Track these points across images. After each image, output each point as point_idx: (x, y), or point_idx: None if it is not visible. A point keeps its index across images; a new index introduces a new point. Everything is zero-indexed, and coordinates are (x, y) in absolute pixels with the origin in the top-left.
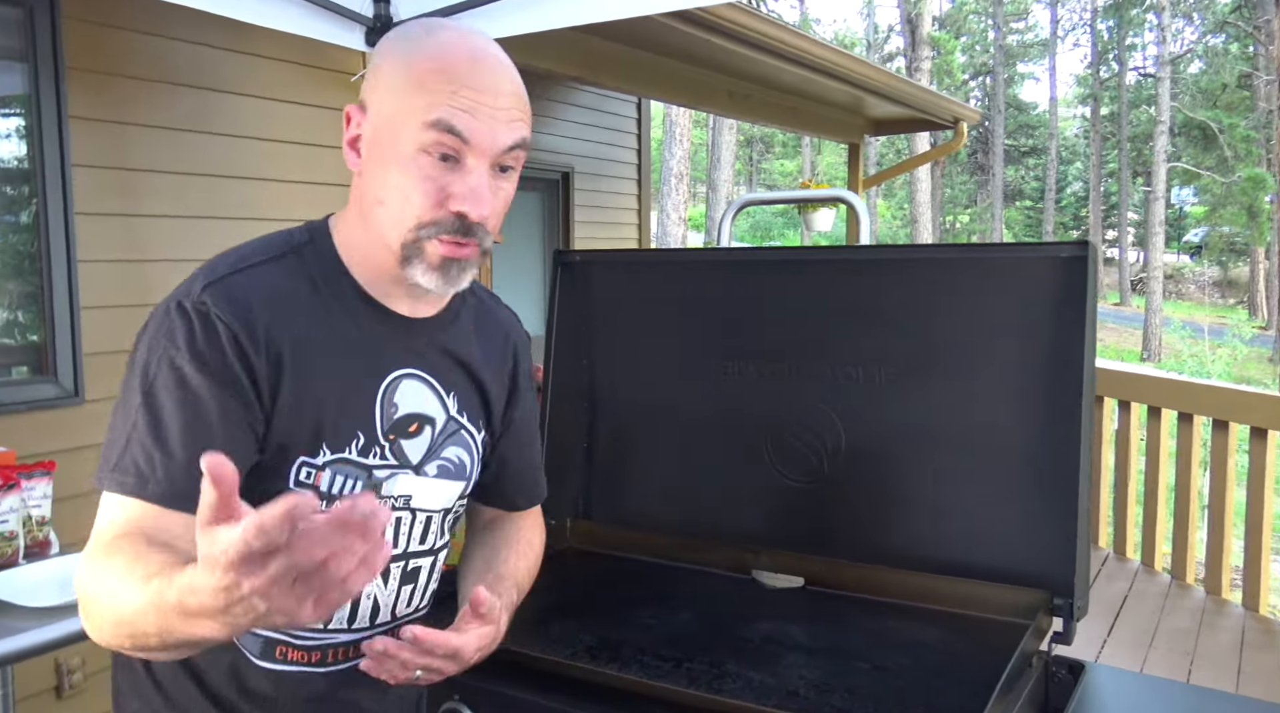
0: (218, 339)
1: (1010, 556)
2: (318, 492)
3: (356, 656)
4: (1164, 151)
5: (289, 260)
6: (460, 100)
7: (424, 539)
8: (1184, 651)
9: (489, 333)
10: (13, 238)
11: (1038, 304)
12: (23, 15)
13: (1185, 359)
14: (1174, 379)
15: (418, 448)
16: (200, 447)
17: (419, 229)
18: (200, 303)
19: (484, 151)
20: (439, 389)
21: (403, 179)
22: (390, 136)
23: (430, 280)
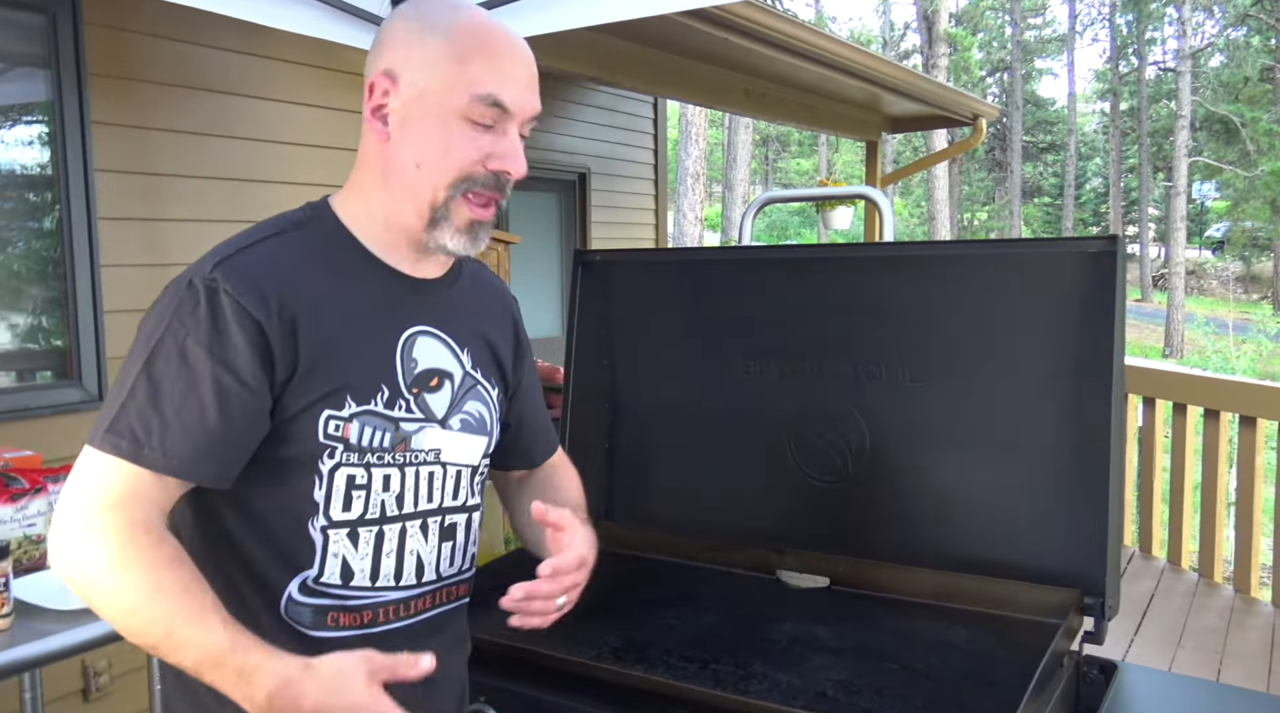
0: (224, 317)
1: (1039, 554)
2: (346, 443)
3: (405, 615)
4: (1185, 146)
5: (293, 234)
6: (504, 74)
7: (456, 494)
8: (1213, 650)
9: (486, 294)
10: (37, 244)
11: (1065, 300)
12: (45, 22)
13: (1209, 355)
14: (1200, 375)
15: (440, 402)
16: (196, 421)
17: (457, 184)
18: (210, 280)
19: (519, 119)
20: (453, 346)
21: (446, 141)
22: (435, 104)
23: (457, 242)
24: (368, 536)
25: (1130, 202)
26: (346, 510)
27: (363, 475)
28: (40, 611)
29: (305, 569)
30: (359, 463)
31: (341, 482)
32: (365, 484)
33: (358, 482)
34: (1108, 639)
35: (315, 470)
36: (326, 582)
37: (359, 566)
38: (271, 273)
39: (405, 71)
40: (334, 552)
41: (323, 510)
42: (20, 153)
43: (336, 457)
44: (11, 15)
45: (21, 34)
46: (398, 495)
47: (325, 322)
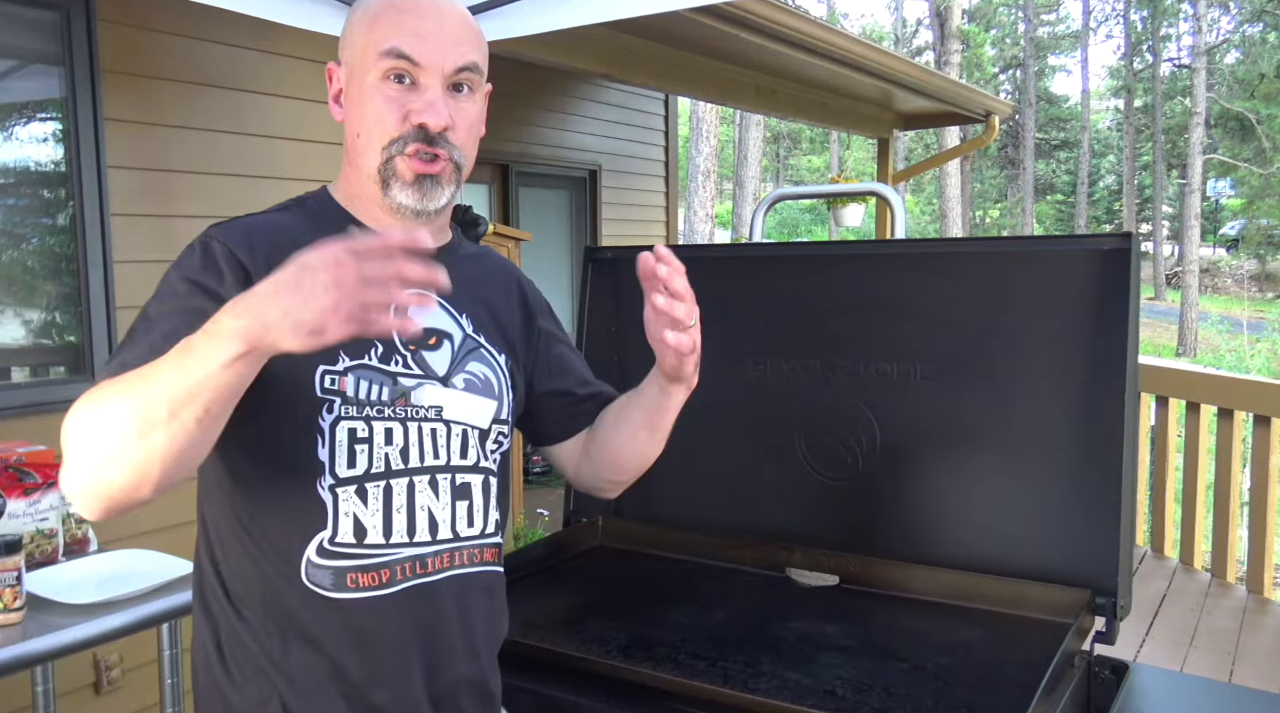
0: (216, 262)
1: (1051, 553)
2: (344, 396)
3: (423, 572)
4: (1200, 143)
5: (291, 210)
6: (407, 29)
7: (464, 454)
8: (1225, 650)
9: (489, 269)
10: (50, 240)
11: (1078, 297)
12: (59, 19)
13: (1223, 354)
14: (1214, 374)
15: (440, 361)
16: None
17: (390, 147)
18: (205, 236)
19: (434, 71)
20: (450, 309)
21: (371, 106)
22: (359, 75)
23: (408, 196)
24: (375, 491)
25: (1144, 199)
26: (351, 466)
27: (364, 429)
28: (52, 604)
29: (319, 531)
30: (359, 416)
31: (343, 436)
32: (367, 438)
33: (359, 435)
34: (1119, 639)
35: (316, 428)
36: (341, 542)
37: (370, 522)
38: (264, 234)
39: (343, 52)
40: (345, 510)
41: (328, 469)
42: (34, 150)
43: (335, 411)
44: (25, 13)
45: (36, 31)
46: (401, 450)
47: None
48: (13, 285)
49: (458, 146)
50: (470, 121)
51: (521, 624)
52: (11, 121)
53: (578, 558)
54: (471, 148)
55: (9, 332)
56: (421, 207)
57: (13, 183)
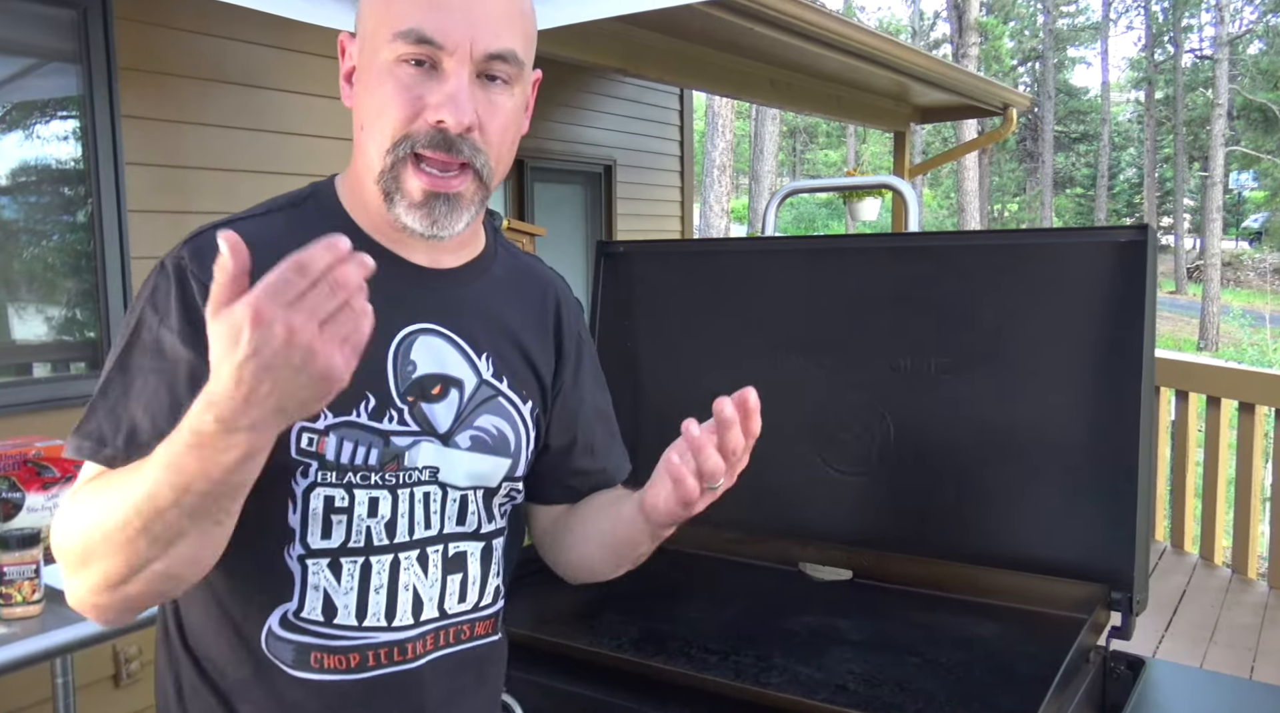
0: (194, 300)
1: (1066, 548)
2: (322, 460)
3: (400, 659)
4: (1222, 135)
5: (286, 213)
6: (435, 4)
7: (463, 519)
8: (1246, 646)
9: (526, 290)
10: (70, 237)
11: (1094, 290)
12: (76, 17)
13: (1245, 348)
14: (1235, 368)
15: (445, 413)
16: (167, 414)
17: (397, 145)
18: (179, 259)
19: (461, 55)
20: (466, 349)
21: (380, 94)
22: (371, 54)
23: (414, 219)
24: (351, 568)
25: (1165, 192)
26: (326, 539)
27: (343, 497)
28: None
29: (284, 602)
30: (338, 483)
31: (319, 505)
32: (346, 508)
33: (337, 504)
34: (1138, 635)
35: (288, 492)
36: (308, 617)
37: (342, 602)
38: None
39: (359, 25)
40: (314, 584)
41: (299, 538)
42: (53, 147)
43: (311, 475)
44: (44, 10)
45: (54, 29)
46: (387, 522)
47: None
48: (34, 282)
49: (486, 151)
50: (505, 121)
51: (533, 619)
52: (31, 119)
53: None
54: (506, 152)
55: (31, 328)
56: (430, 233)
57: (33, 181)
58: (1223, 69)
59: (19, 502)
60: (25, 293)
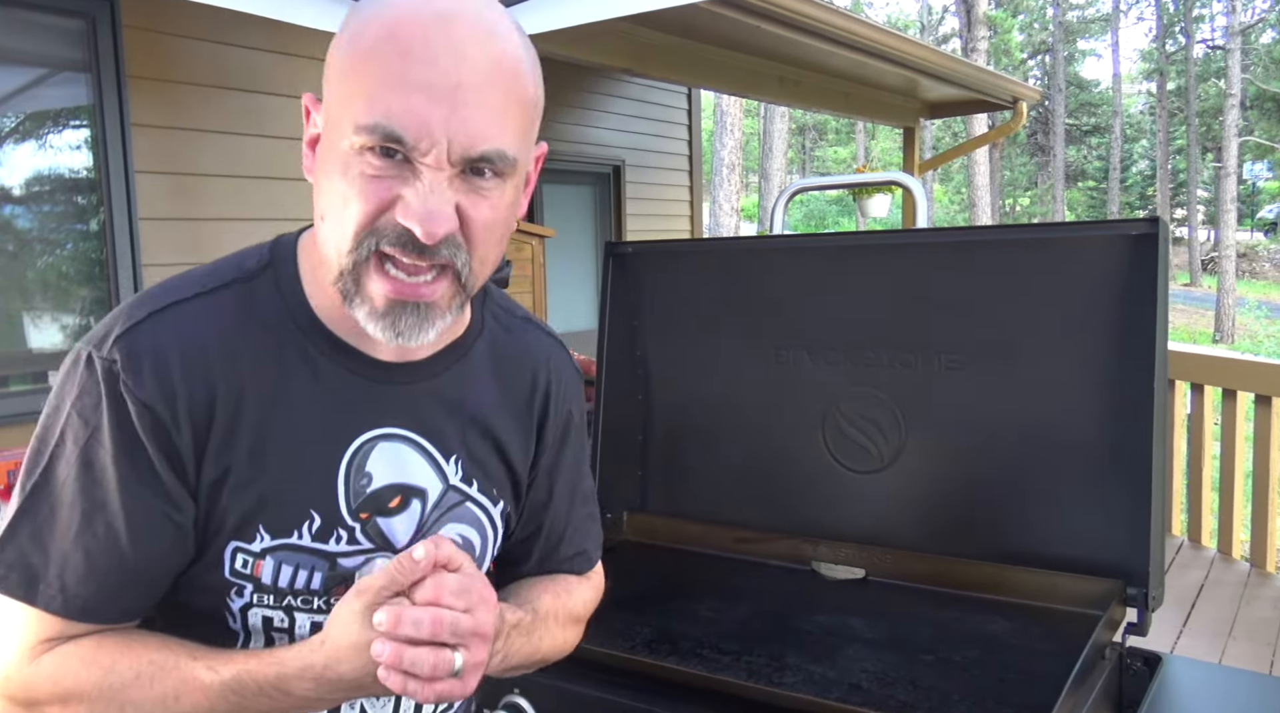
0: (127, 415)
1: (1080, 544)
2: (258, 583)
3: None
4: (1235, 126)
5: (235, 291)
6: (407, 82)
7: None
8: (1265, 641)
9: (510, 372)
10: (83, 246)
11: (1106, 285)
12: (85, 26)
13: (1261, 340)
14: (1251, 360)
15: (403, 526)
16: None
17: (360, 242)
18: (109, 361)
19: (439, 158)
20: (433, 452)
21: (341, 184)
22: (335, 133)
23: (376, 329)
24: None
25: (1178, 184)
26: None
27: (283, 619)
28: None
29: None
30: (276, 605)
31: (258, 622)
32: (287, 628)
33: (277, 625)
34: (1156, 631)
35: (225, 609)
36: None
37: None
38: (185, 350)
39: (324, 88)
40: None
41: (241, 645)
42: (65, 157)
43: (246, 596)
44: (53, 21)
45: (63, 39)
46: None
47: (247, 422)
48: (48, 290)
49: (468, 250)
50: (491, 218)
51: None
52: (43, 129)
53: (604, 553)
54: (493, 250)
55: (46, 336)
56: (395, 343)
57: (46, 190)
58: (1235, 59)
59: None
60: (40, 302)
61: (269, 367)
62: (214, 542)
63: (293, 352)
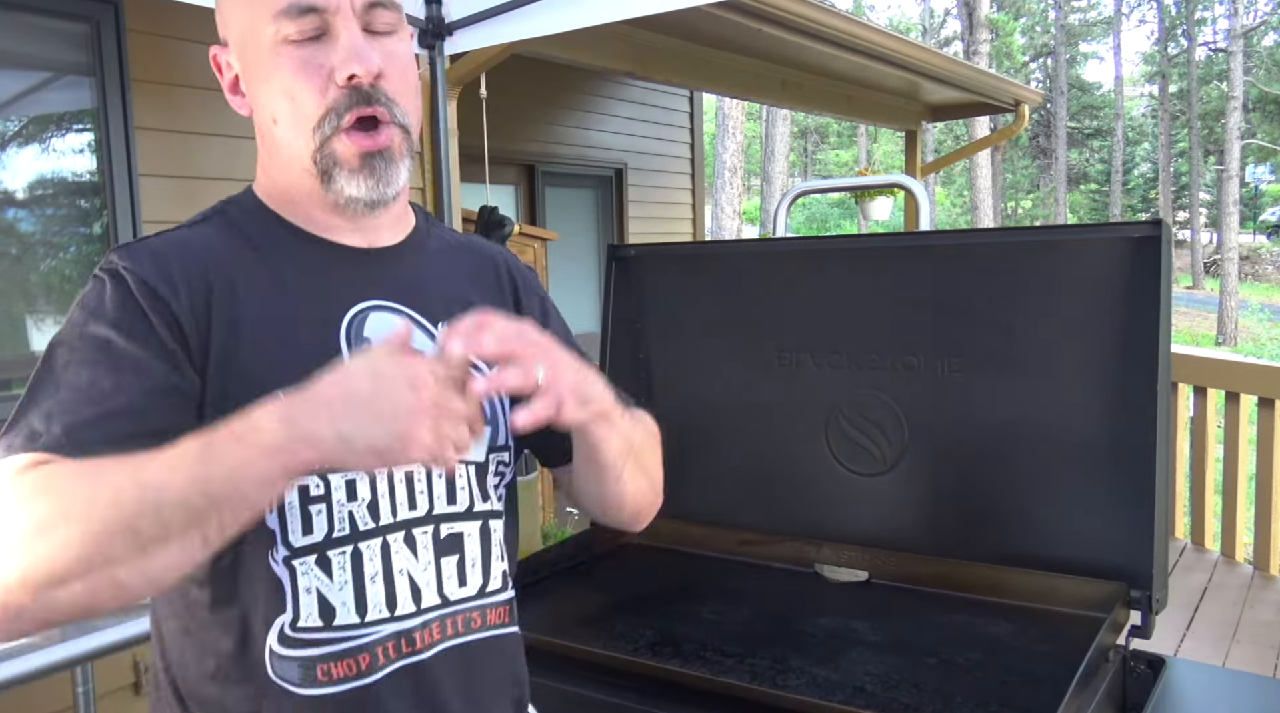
0: (129, 294)
1: (1084, 547)
2: None
3: (409, 651)
4: (1237, 128)
5: (212, 221)
6: None
7: (452, 499)
8: (1269, 644)
9: (471, 260)
10: (86, 249)
11: (1108, 287)
12: (89, 30)
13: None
14: (1254, 363)
15: None
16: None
17: (322, 124)
18: (109, 263)
19: (346, 13)
20: (421, 321)
21: (281, 79)
22: (255, 49)
23: (358, 186)
24: (341, 560)
25: (1181, 186)
26: (308, 534)
27: (318, 484)
28: None
29: (278, 615)
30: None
31: (293, 497)
32: (324, 494)
33: (313, 493)
34: (1160, 635)
35: None
36: (306, 626)
37: (339, 598)
38: (180, 254)
39: (227, 31)
40: (305, 587)
41: (280, 538)
42: (69, 160)
43: None
44: (57, 25)
45: (67, 43)
46: (369, 504)
47: (246, 306)
48: (51, 294)
49: (398, 103)
50: (403, 65)
51: (548, 623)
52: (46, 133)
53: (605, 556)
54: (413, 102)
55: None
56: (377, 194)
57: (50, 193)
58: (1237, 62)
59: None
60: (44, 305)
61: (256, 263)
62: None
63: (275, 251)
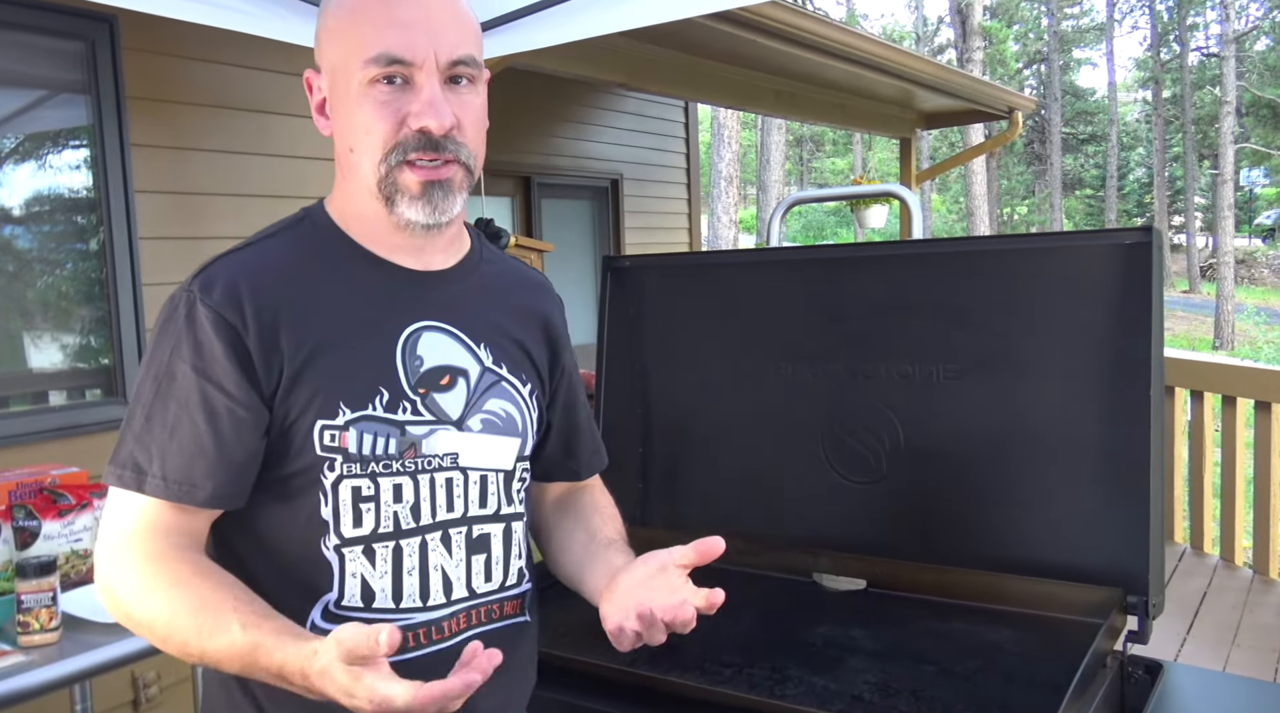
0: (203, 329)
1: (1081, 552)
2: (345, 453)
3: (439, 638)
4: (1231, 132)
5: (282, 236)
6: (393, 22)
7: (484, 503)
8: (1270, 648)
9: (511, 285)
10: (83, 265)
11: (1101, 294)
12: (85, 48)
13: (1261, 346)
14: (1249, 366)
15: (455, 402)
16: (190, 440)
17: (389, 157)
18: (189, 291)
19: (428, 67)
20: (467, 341)
21: (362, 116)
22: (344, 83)
23: (417, 211)
24: (384, 552)
25: (1176, 191)
26: (358, 526)
27: (369, 487)
28: (88, 624)
29: (325, 593)
30: (363, 473)
31: (347, 495)
32: (373, 495)
33: (364, 494)
34: (1159, 640)
35: (319, 486)
36: (348, 605)
37: (379, 585)
38: (251, 276)
39: (322, 60)
40: (351, 572)
41: (333, 528)
42: (65, 177)
43: (338, 469)
44: (53, 43)
45: (63, 61)
46: (412, 506)
47: (313, 324)
48: (48, 310)
49: (466, 146)
50: (476, 116)
51: (549, 634)
52: (42, 150)
53: None
54: (481, 146)
55: (46, 356)
56: (433, 219)
57: (46, 210)
58: (1230, 66)
59: (36, 530)
60: (40, 321)
61: (322, 281)
62: (301, 422)
63: (339, 269)
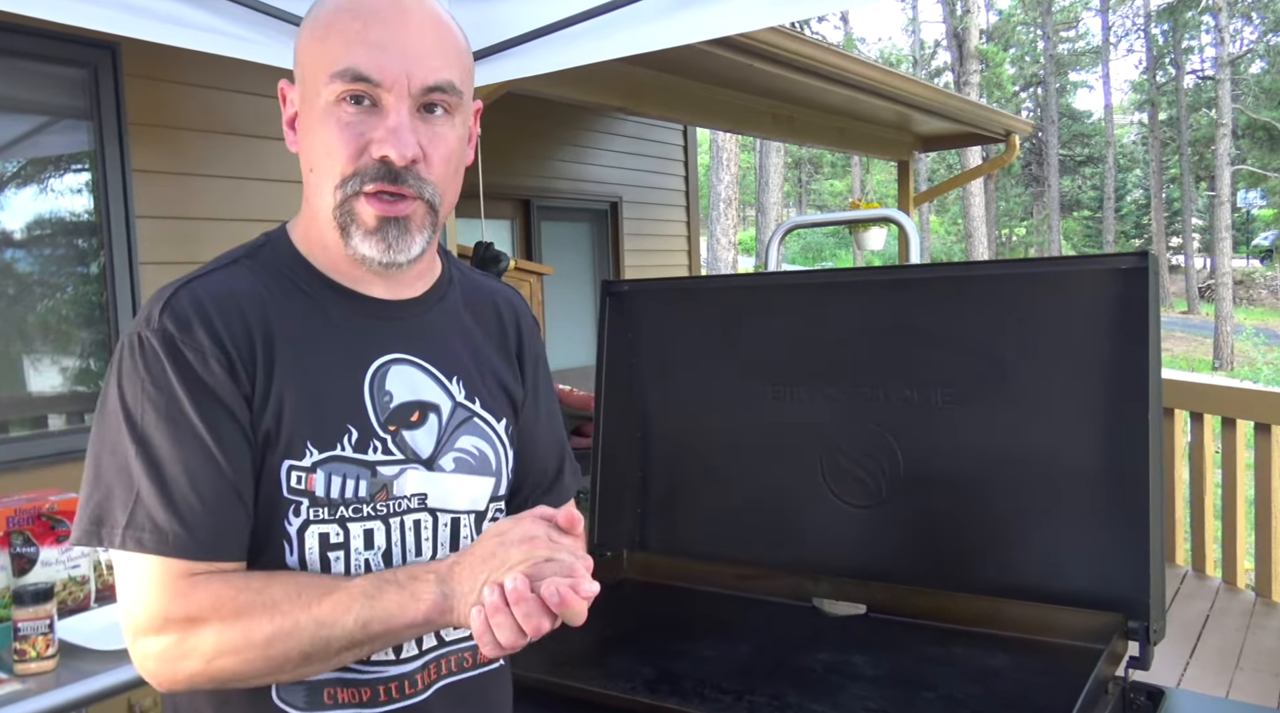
0: (186, 362)
1: (1081, 578)
2: (313, 497)
3: (411, 692)
4: (1227, 154)
5: (243, 263)
6: (365, 39)
7: (455, 546)
8: (1274, 672)
9: (485, 313)
10: (83, 290)
11: (1098, 318)
12: (87, 76)
13: (1260, 367)
14: (1248, 388)
15: (426, 439)
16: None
17: (345, 184)
18: (164, 330)
19: (399, 91)
20: (437, 374)
21: (325, 134)
22: (311, 99)
23: (370, 247)
24: None
25: (1173, 212)
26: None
27: (337, 533)
28: (84, 651)
29: None
30: (331, 518)
31: (314, 543)
32: (342, 543)
33: (332, 541)
34: (1162, 664)
35: (282, 534)
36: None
37: None
38: (221, 306)
39: (296, 67)
40: None
41: None
42: (67, 202)
43: (303, 514)
44: (56, 70)
45: (65, 88)
46: (384, 552)
47: (278, 359)
48: (48, 334)
49: (431, 182)
50: (447, 151)
51: (546, 661)
52: (44, 175)
53: (602, 591)
54: (452, 182)
55: (46, 380)
56: (388, 258)
57: (47, 234)
58: (1225, 89)
59: (33, 557)
60: (40, 346)
61: (287, 310)
62: (268, 459)
63: (304, 298)
